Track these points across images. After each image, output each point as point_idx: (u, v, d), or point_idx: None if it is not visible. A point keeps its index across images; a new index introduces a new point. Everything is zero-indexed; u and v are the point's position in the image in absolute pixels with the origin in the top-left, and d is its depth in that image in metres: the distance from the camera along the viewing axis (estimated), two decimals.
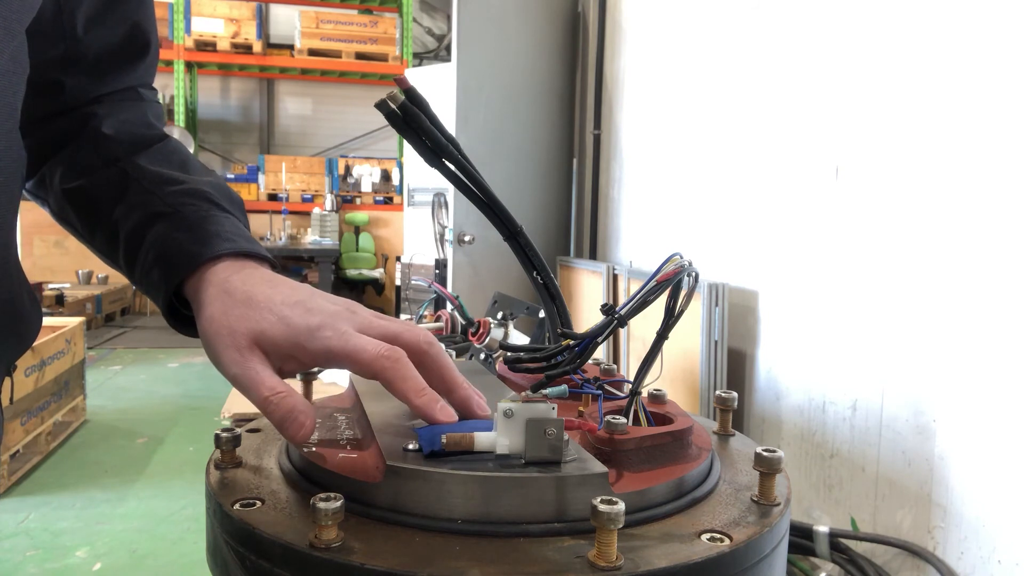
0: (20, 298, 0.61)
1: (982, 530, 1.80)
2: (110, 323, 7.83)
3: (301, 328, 0.53)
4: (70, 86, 0.69)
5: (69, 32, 0.67)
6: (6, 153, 0.55)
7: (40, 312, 0.66)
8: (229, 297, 0.55)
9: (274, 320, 0.53)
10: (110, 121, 0.70)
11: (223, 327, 0.54)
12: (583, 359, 0.63)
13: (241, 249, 0.60)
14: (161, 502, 3.27)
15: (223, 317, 0.54)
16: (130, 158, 0.68)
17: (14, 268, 0.61)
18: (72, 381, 4.10)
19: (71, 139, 0.70)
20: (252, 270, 0.58)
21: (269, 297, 0.55)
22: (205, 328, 0.55)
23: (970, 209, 1.82)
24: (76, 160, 0.69)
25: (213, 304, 0.55)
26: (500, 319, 0.81)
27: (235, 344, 0.53)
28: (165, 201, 0.63)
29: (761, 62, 2.67)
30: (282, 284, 0.57)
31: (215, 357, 0.54)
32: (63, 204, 0.70)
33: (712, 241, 2.96)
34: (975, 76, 1.81)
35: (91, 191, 0.67)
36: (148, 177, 0.66)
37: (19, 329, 0.62)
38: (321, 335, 0.52)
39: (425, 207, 4.58)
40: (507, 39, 4.03)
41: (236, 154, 10.09)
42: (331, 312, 0.54)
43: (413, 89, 0.62)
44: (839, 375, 2.29)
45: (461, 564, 0.41)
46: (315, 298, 0.56)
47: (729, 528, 0.47)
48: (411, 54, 9.36)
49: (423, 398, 0.51)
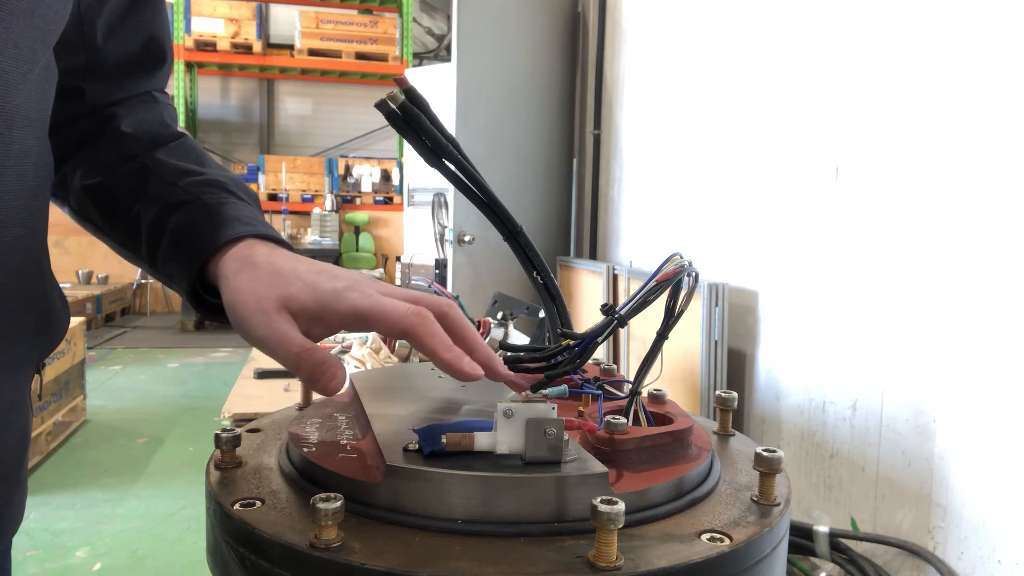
0: (52, 299, 0.64)
1: (982, 530, 1.80)
2: (110, 323, 7.84)
3: (328, 290, 0.54)
4: (90, 92, 0.72)
5: (89, 41, 0.69)
6: (40, 158, 0.58)
7: (68, 311, 0.68)
8: (255, 269, 0.57)
9: (301, 285, 0.55)
10: (128, 120, 0.72)
11: (250, 294, 0.55)
12: (583, 359, 0.63)
13: (260, 232, 0.61)
14: (161, 502, 3.27)
15: (250, 286, 0.55)
16: (149, 153, 0.70)
17: (47, 270, 0.63)
18: (72, 381, 4.10)
19: (90, 140, 0.72)
20: (274, 247, 0.60)
21: (294, 267, 0.57)
22: (232, 299, 0.56)
23: (970, 209, 1.82)
24: (96, 158, 0.71)
25: (239, 276, 0.57)
26: (500, 319, 0.81)
27: (262, 308, 0.54)
28: (185, 191, 0.65)
29: (761, 62, 2.66)
30: (304, 258, 0.59)
31: (242, 323, 0.55)
32: (83, 201, 0.71)
33: (712, 241, 2.96)
34: (975, 76, 1.81)
35: (111, 186, 0.69)
36: (167, 169, 0.68)
37: (51, 329, 0.64)
38: (348, 295, 0.54)
39: (425, 207, 4.59)
40: (507, 39, 4.03)
41: (236, 154, 10.09)
42: (356, 277, 0.56)
43: (413, 89, 0.62)
44: (839, 375, 2.29)
45: (461, 564, 0.41)
46: (337, 268, 0.58)
47: (729, 528, 0.47)
48: (411, 54, 9.37)
49: (451, 353, 0.52)
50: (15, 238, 0.56)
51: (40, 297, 0.61)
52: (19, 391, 0.61)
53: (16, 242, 0.56)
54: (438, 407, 0.59)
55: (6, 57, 0.51)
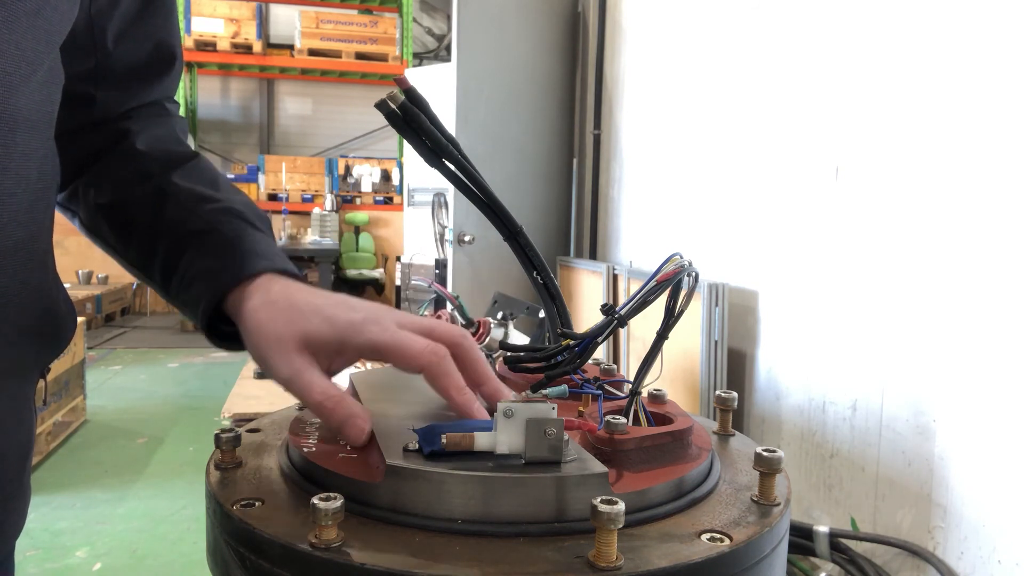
0: (57, 303, 0.63)
1: (982, 530, 1.80)
2: (110, 323, 7.84)
3: (345, 324, 0.55)
4: (101, 99, 0.72)
5: (100, 46, 0.69)
6: (46, 160, 0.58)
7: (75, 315, 0.68)
8: (273, 306, 0.57)
9: (319, 321, 0.55)
10: (143, 137, 0.72)
11: (271, 334, 0.55)
12: (583, 359, 0.63)
13: (278, 267, 0.62)
14: (161, 502, 3.27)
15: (270, 324, 0.56)
16: (165, 175, 0.70)
17: (52, 274, 0.63)
18: (72, 381, 4.10)
19: (104, 154, 0.72)
20: (290, 281, 0.61)
21: (310, 301, 0.57)
22: (252, 338, 0.57)
23: (970, 209, 1.82)
24: (110, 175, 0.71)
25: (258, 314, 0.57)
26: (500, 319, 0.81)
27: (283, 349, 0.55)
28: (203, 219, 0.65)
29: (761, 62, 2.67)
30: (320, 292, 0.59)
31: (265, 364, 0.56)
32: (96, 218, 0.71)
33: (712, 241, 2.96)
34: (975, 76, 1.81)
35: (126, 207, 0.69)
36: (183, 194, 0.68)
37: (56, 333, 0.64)
38: (366, 329, 0.55)
39: (425, 207, 4.58)
40: (507, 39, 4.03)
41: (236, 154, 10.09)
42: (372, 308, 0.57)
43: (413, 89, 0.62)
44: (839, 375, 2.29)
45: (461, 564, 0.41)
46: (354, 299, 0.59)
47: (729, 528, 0.47)
48: (411, 54, 9.37)
49: (464, 396, 0.53)
50: (18, 242, 0.55)
51: (44, 301, 0.61)
52: (23, 396, 0.61)
53: (19, 246, 0.55)
54: (438, 407, 0.59)
55: (8, 59, 0.51)
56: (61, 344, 0.65)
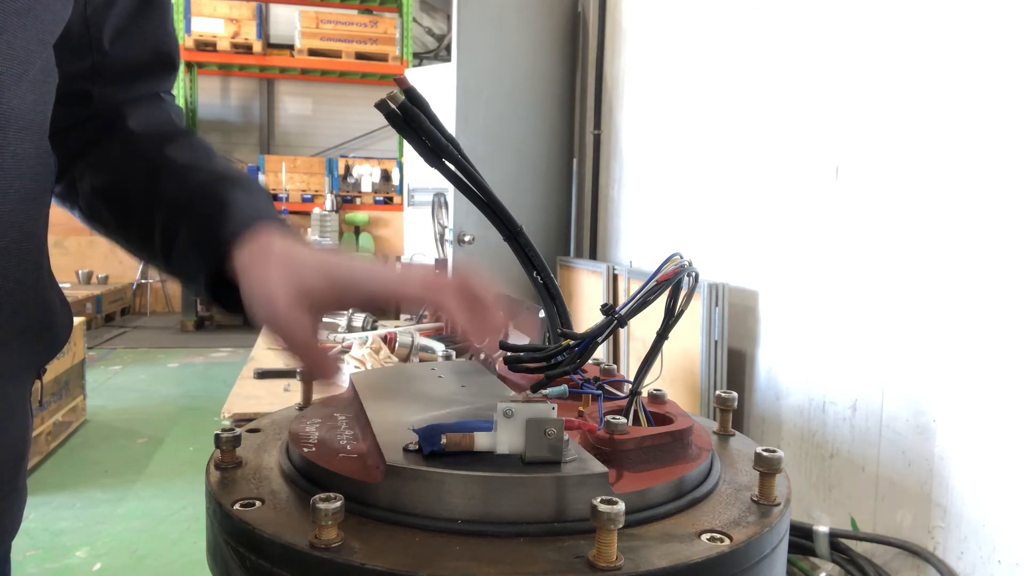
0: (52, 304, 0.63)
1: (982, 530, 1.80)
2: (110, 323, 7.84)
3: (345, 270, 0.57)
4: (98, 96, 0.72)
5: (96, 46, 0.69)
6: (39, 160, 0.57)
7: (71, 315, 0.68)
8: (272, 257, 0.58)
9: (318, 276, 0.57)
10: (136, 119, 0.73)
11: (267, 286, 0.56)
12: (583, 359, 0.63)
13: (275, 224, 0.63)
14: (161, 502, 3.27)
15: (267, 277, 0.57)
16: (159, 150, 0.70)
17: (46, 274, 0.63)
18: (72, 381, 4.10)
19: (98, 141, 0.72)
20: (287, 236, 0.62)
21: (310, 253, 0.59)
22: (251, 291, 0.58)
23: (970, 209, 1.82)
24: (105, 157, 0.71)
25: (256, 268, 0.58)
26: None
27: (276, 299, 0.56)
28: (197, 187, 0.65)
29: (761, 62, 2.66)
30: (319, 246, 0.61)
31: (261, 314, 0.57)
32: (94, 203, 0.72)
33: (712, 241, 2.96)
34: (975, 76, 1.81)
35: (122, 184, 0.69)
36: (178, 166, 0.68)
37: (52, 334, 0.64)
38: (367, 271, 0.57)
39: (425, 207, 4.58)
40: (507, 39, 4.03)
41: (236, 154, 10.08)
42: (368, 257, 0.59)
43: (413, 89, 0.62)
44: (839, 375, 2.28)
45: (461, 564, 0.41)
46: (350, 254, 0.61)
47: (729, 528, 0.47)
48: (411, 54, 9.36)
49: (472, 324, 0.56)
50: (10, 243, 0.55)
51: (39, 303, 0.61)
52: (18, 397, 0.61)
53: (11, 247, 0.55)
54: (438, 407, 0.59)
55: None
56: (57, 345, 0.65)
